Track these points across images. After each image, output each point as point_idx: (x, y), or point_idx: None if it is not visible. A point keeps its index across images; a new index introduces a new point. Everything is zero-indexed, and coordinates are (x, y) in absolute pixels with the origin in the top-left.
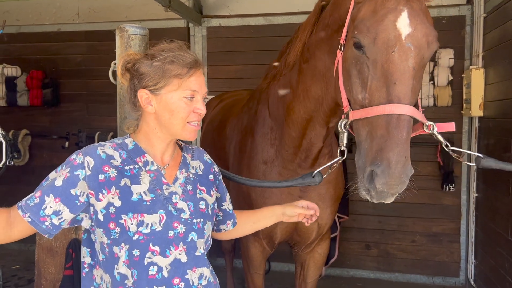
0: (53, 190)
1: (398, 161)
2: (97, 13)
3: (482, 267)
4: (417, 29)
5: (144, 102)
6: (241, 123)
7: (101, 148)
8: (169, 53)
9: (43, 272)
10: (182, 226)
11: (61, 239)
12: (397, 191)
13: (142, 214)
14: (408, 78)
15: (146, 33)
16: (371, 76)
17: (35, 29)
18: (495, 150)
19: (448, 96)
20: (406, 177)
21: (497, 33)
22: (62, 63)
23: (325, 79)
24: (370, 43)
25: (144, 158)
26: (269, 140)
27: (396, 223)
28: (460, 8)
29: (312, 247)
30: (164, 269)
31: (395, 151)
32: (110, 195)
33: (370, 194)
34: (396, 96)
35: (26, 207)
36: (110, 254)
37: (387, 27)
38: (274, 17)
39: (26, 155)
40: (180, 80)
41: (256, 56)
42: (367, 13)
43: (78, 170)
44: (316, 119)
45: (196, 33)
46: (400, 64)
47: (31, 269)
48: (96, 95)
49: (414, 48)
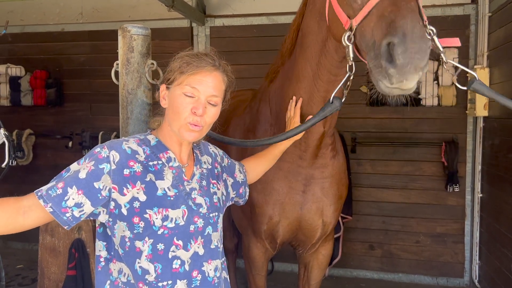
0: (77, 182)
1: (415, 25)
2: (100, 13)
3: (487, 268)
4: None
5: (161, 96)
6: (243, 122)
7: (126, 143)
8: (187, 53)
9: (46, 272)
10: (201, 220)
11: (64, 239)
12: (419, 62)
13: (166, 209)
14: None
15: (148, 33)
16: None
17: (38, 29)
18: (500, 150)
19: (452, 96)
20: (426, 45)
21: (502, 33)
22: (65, 63)
23: (317, 53)
24: None
25: (167, 155)
26: (269, 136)
27: (400, 223)
28: (465, 7)
29: (316, 247)
30: (186, 263)
31: (409, 16)
32: (135, 190)
33: (389, 74)
34: None
35: (48, 197)
36: (131, 248)
37: None
38: (277, 17)
39: (30, 154)
40: (184, 75)
41: (260, 55)
42: None
43: (103, 164)
44: (312, 101)
45: (200, 32)
46: None
47: (35, 268)
48: (100, 95)
49: None
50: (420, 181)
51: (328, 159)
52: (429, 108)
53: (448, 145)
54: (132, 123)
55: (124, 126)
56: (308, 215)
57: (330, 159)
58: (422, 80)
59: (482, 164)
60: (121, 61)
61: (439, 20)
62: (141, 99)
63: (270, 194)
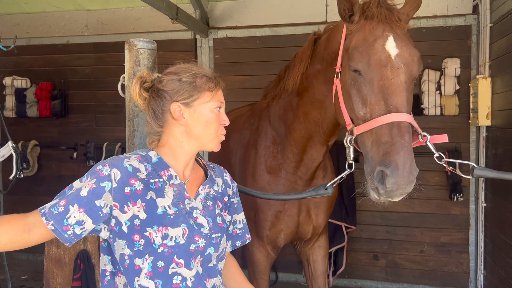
0: (78, 200)
1: (405, 162)
2: (105, 25)
3: (492, 278)
4: (403, 50)
5: (177, 115)
6: (244, 137)
7: (127, 160)
8: (197, 69)
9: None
10: (203, 240)
11: (69, 250)
12: (406, 191)
13: (166, 227)
14: (402, 90)
15: (154, 47)
16: (370, 92)
17: (44, 41)
18: (503, 159)
19: (455, 105)
20: (413, 176)
21: (503, 43)
22: (70, 74)
23: (323, 105)
24: (365, 66)
25: (169, 172)
26: (271, 153)
27: (404, 233)
28: (466, 18)
29: (312, 243)
30: (188, 280)
31: (401, 153)
32: (136, 208)
33: (379, 192)
34: (394, 106)
35: (50, 214)
36: (130, 266)
37: (377, 50)
38: (280, 28)
39: (35, 165)
40: (212, 92)
41: (263, 66)
42: (358, 41)
43: (105, 182)
44: (316, 138)
45: (203, 44)
46: (394, 79)
47: (40, 279)
48: (104, 106)
49: (403, 65)
50: (424, 191)
51: (320, 179)
52: (432, 118)
53: (451, 154)
54: (138, 135)
55: (131, 138)
56: (303, 223)
57: (322, 178)
58: (424, 90)
59: None
60: (127, 75)
61: (441, 31)
62: None
63: (274, 203)
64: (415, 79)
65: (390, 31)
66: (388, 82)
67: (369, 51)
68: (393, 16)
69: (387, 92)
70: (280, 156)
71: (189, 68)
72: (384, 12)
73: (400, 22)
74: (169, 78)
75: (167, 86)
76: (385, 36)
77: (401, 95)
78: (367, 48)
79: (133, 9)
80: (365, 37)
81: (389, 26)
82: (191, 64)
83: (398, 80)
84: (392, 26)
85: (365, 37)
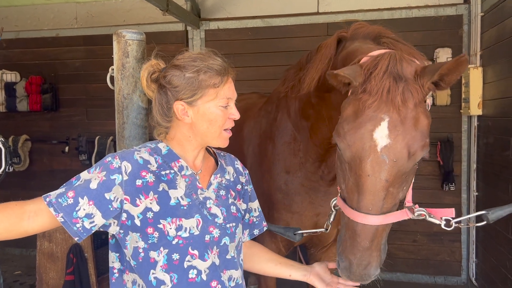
0: (88, 193)
1: (359, 265)
2: (95, 18)
3: (484, 265)
4: (396, 141)
5: (180, 114)
6: (259, 126)
7: (138, 153)
8: (201, 63)
9: (44, 278)
10: (217, 230)
11: (62, 245)
12: (361, 281)
13: (180, 219)
14: (379, 189)
15: (143, 38)
16: (347, 176)
17: (33, 34)
18: (494, 148)
19: (446, 95)
20: (369, 277)
21: (494, 32)
22: (61, 68)
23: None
24: (345, 148)
25: (179, 163)
26: (292, 150)
27: (397, 223)
28: (458, 8)
29: (328, 247)
30: (203, 272)
31: (357, 255)
32: (148, 200)
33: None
34: (364, 206)
35: (59, 206)
36: (145, 259)
37: (363, 136)
38: (272, 19)
39: (26, 160)
40: (216, 89)
41: (255, 58)
42: (349, 113)
43: (115, 175)
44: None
45: (195, 36)
46: (372, 176)
47: (33, 274)
48: (95, 100)
49: (389, 161)
50: (416, 180)
51: None
52: None
53: (443, 144)
54: (128, 127)
55: (120, 130)
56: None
57: None
58: None
59: (477, 163)
60: (116, 66)
61: (432, 21)
62: (137, 104)
63: (290, 205)
64: (407, 172)
65: (387, 113)
66: (365, 178)
67: (354, 134)
68: (398, 93)
69: (361, 189)
70: (302, 154)
71: (194, 60)
72: (389, 85)
73: (408, 102)
74: (172, 74)
75: (170, 83)
76: (378, 120)
77: (377, 194)
78: (353, 129)
79: (123, 1)
80: (357, 112)
81: (389, 106)
82: (198, 54)
83: (377, 178)
84: (393, 107)
85: (357, 112)
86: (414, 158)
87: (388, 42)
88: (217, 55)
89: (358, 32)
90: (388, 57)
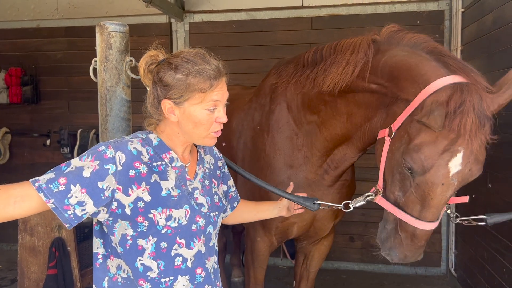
0: (80, 180)
1: (413, 257)
2: (77, 9)
3: (462, 256)
4: (466, 167)
5: (167, 112)
6: (251, 119)
7: (131, 143)
8: (193, 67)
9: (26, 272)
10: (203, 219)
11: (44, 238)
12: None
13: (170, 209)
14: (443, 204)
15: (126, 30)
16: (411, 190)
17: (13, 25)
18: None
19: None
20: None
21: (474, 28)
22: (42, 59)
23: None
24: (419, 172)
25: (170, 155)
26: (295, 145)
27: (379, 215)
28: (439, 3)
29: (320, 239)
30: (189, 260)
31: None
32: (140, 190)
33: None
34: (428, 217)
35: (49, 192)
36: (132, 246)
37: (439, 166)
38: (256, 12)
39: (7, 153)
40: (203, 94)
41: (239, 51)
42: (427, 139)
43: (109, 164)
44: (354, 141)
45: (178, 28)
46: (440, 195)
47: (14, 269)
48: (77, 92)
49: (457, 183)
50: None
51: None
52: None
53: None
54: (111, 120)
55: (104, 123)
56: (324, 218)
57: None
58: None
59: None
60: (99, 58)
61: (414, 16)
62: (120, 96)
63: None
64: None
65: (464, 145)
66: (434, 197)
67: (431, 163)
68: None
69: (428, 204)
70: (307, 149)
71: (187, 62)
72: (476, 127)
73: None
74: (164, 72)
75: (161, 81)
76: (455, 152)
77: (439, 208)
78: (430, 158)
79: None
80: (436, 141)
81: (470, 144)
82: (194, 55)
83: (444, 196)
84: (473, 143)
85: (436, 141)
86: (472, 177)
87: (454, 64)
88: (212, 57)
89: (395, 37)
90: (473, 93)
